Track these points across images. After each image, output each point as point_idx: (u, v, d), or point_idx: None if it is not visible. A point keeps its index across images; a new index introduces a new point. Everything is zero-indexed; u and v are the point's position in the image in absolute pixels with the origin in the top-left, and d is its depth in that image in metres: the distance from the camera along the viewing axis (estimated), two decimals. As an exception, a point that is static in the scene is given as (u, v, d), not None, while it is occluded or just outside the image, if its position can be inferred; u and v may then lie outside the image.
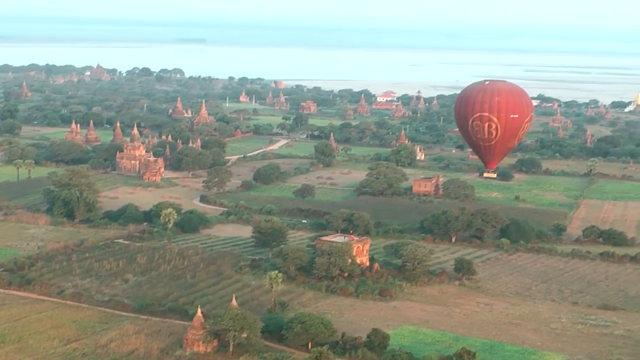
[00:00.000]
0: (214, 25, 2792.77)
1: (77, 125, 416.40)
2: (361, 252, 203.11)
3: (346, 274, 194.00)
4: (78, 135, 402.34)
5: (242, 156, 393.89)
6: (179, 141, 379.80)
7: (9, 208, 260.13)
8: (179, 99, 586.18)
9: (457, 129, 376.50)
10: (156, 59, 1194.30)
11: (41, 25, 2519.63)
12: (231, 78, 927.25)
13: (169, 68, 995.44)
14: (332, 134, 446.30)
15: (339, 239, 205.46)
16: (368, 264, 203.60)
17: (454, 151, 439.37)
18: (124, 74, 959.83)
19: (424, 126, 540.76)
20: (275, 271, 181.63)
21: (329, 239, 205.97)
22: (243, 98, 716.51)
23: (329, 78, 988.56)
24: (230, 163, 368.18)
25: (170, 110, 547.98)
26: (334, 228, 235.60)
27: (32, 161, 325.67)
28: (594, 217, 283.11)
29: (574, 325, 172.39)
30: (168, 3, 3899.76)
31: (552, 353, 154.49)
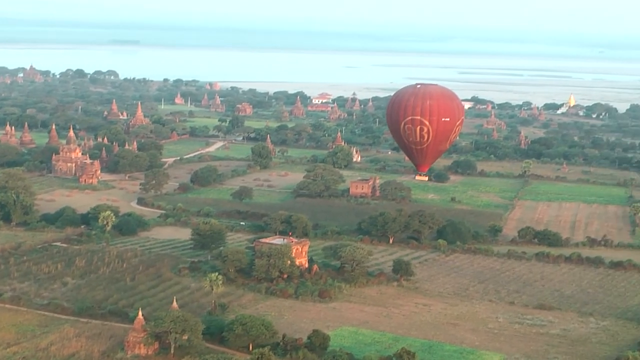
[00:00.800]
0: (147, 26, 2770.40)
1: (12, 127, 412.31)
2: (300, 253, 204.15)
3: (285, 276, 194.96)
4: (13, 138, 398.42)
5: (178, 158, 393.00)
6: (115, 143, 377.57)
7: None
8: (114, 101, 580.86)
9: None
10: (90, 60, 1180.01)
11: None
12: (166, 80, 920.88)
13: (103, 70, 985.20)
14: (268, 136, 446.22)
15: (277, 240, 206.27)
16: (307, 265, 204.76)
17: (389, 153, 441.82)
18: (58, 76, 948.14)
19: (359, 128, 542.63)
20: (215, 273, 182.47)
21: (267, 240, 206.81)
22: (178, 100, 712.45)
23: (264, 80, 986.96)
24: (167, 165, 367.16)
25: (106, 113, 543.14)
26: (272, 230, 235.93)
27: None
28: (528, 218, 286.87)
29: (511, 324, 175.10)
30: (100, 4, 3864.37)
31: (490, 352, 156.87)
